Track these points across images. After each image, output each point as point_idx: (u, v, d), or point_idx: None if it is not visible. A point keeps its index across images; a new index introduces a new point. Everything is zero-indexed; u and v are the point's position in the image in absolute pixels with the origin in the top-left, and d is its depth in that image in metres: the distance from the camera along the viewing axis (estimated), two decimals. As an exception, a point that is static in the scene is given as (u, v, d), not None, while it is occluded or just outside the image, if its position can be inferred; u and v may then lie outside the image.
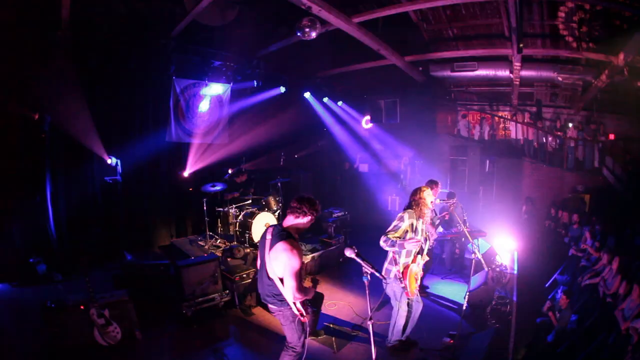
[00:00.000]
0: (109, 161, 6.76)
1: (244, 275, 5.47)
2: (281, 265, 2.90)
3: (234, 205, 7.17)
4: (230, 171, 7.66)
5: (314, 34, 5.94)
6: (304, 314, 3.20)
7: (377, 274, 2.75)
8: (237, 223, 7.00)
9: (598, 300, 5.43)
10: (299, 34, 5.93)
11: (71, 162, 6.53)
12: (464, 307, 4.44)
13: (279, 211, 7.51)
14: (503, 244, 7.49)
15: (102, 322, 4.08)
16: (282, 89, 9.27)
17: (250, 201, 7.55)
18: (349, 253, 2.79)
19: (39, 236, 6.09)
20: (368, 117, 11.85)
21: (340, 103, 11.57)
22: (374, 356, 2.70)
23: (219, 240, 7.13)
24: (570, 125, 10.92)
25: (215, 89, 8.25)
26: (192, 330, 4.75)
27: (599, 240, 6.78)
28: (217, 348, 4.34)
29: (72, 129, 6.26)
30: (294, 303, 3.09)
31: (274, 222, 6.99)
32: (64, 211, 6.45)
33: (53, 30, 5.81)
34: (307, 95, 10.30)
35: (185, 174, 7.87)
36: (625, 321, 4.47)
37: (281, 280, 2.96)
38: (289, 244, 2.88)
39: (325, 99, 11.09)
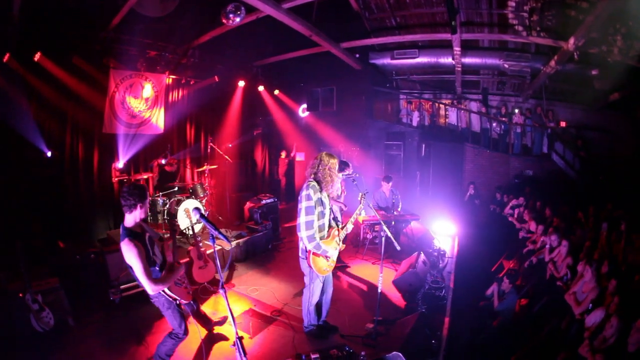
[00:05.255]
0: (48, 154, 7.25)
1: (165, 261, 6.20)
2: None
3: (161, 194, 7.83)
4: (163, 161, 8.33)
5: (237, 20, 6.26)
6: (179, 299, 3.44)
7: (222, 237, 2.69)
8: (165, 211, 7.69)
9: (547, 284, 5.64)
10: (223, 20, 6.27)
11: (13, 156, 6.88)
12: (379, 292, 4.46)
13: (206, 198, 8.33)
14: (441, 228, 8.03)
15: (36, 308, 4.54)
16: (216, 78, 9.81)
17: (176, 189, 8.19)
18: (194, 214, 2.79)
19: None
20: (305, 106, 12.28)
21: (276, 92, 12.05)
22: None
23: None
24: (517, 111, 11.64)
25: (151, 80, 8.81)
26: (119, 317, 5.15)
27: (546, 223, 7.23)
28: (140, 335, 4.69)
29: (16, 124, 6.69)
30: (163, 290, 3.30)
31: (200, 208, 7.82)
32: (6, 204, 6.77)
33: (4, 25, 6.17)
34: (241, 84, 10.80)
35: (120, 164, 8.30)
36: (578, 305, 4.54)
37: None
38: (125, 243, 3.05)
39: (261, 88, 11.57)
